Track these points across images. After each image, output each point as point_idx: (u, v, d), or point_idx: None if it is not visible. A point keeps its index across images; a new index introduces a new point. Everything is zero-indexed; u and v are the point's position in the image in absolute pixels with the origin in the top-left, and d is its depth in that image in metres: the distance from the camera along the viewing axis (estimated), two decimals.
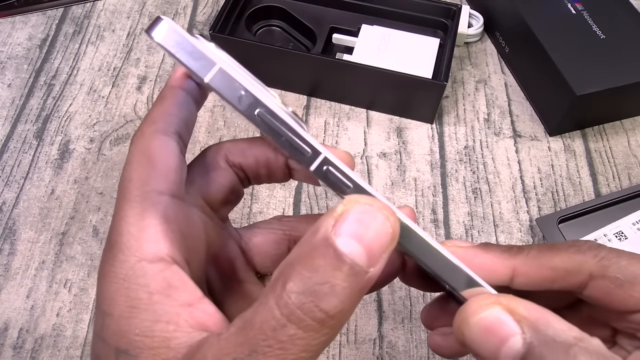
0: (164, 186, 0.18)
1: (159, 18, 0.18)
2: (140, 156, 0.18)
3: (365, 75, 0.45)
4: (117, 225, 0.18)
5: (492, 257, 0.20)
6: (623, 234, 0.41)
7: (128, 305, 0.17)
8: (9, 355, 0.36)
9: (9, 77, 0.50)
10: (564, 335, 0.16)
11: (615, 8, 0.48)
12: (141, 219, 0.18)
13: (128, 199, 0.18)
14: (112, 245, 0.18)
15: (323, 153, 0.18)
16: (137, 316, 0.17)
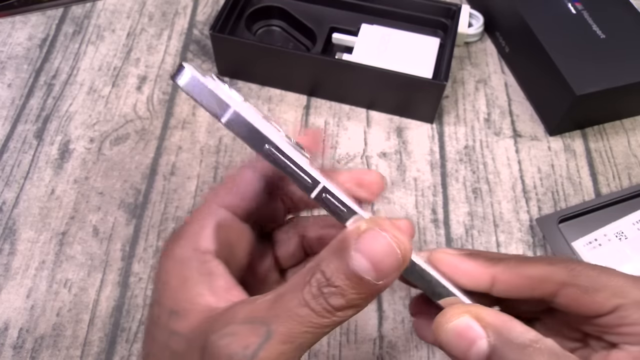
0: (227, 202, 0.24)
1: (182, 66, 0.22)
2: (208, 216, 0.24)
3: (365, 75, 0.45)
4: (187, 220, 0.24)
5: (475, 265, 0.23)
6: (623, 233, 0.41)
7: (182, 279, 0.22)
8: (9, 355, 0.36)
9: (9, 77, 0.50)
10: (522, 338, 0.19)
11: (615, 8, 0.48)
12: (203, 221, 0.23)
13: (202, 205, 0.24)
14: (179, 235, 0.23)
15: (322, 182, 0.21)
16: (187, 288, 0.22)
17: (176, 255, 0.23)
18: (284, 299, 0.19)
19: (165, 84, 0.50)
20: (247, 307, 0.20)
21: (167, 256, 0.23)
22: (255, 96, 0.49)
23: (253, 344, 0.19)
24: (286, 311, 0.19)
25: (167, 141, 0.46)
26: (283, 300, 0.19)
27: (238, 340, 0.19)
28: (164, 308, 0.22)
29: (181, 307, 0.21)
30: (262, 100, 0.49)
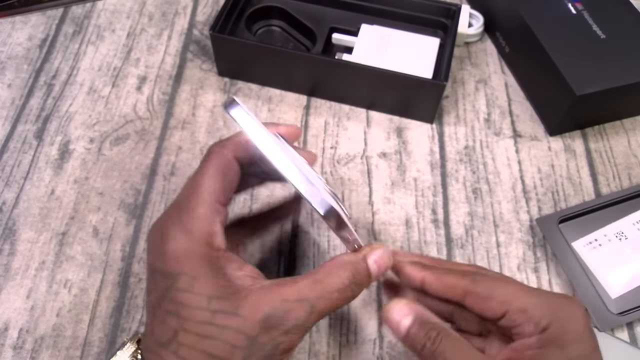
0: (225, 199, 0.29)
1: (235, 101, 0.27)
2: (218, 172, 0.29)
3: (365, 75, 0.45)
4: (193, 214, 0.28)
5: (412, 269, 0.31)
6: (623, 233, 0.41)
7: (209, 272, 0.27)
8: (9, 355, 0.36)
9: (9, 77, 0.50)
10: (431, 319, 0.29)
11: (616, 8, 0.48)
12: (211, 220, 0.28)
13: (202, 200, 0.28)
14: (184, 227, 0.27)
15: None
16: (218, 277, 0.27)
17: (193, 251, 0.27)
18: (324, 284, 0.27)
19: (165, 84, 0.50)
20: (294, 288, 0.27)
21: (180, 250, 0.27)
22: (255, 96, 0.49)
23: (302, 316, 0.26)
24: (326, 294, 0.27)
25: (167, 141, 0.46)
26: (323, 285, 0.27)
27: (293, 313, 0.26)
28: (198, 295, 0.26)
29: (222, 292, 0.26)
30: (262, 100, 0.49)
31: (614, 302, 0.38)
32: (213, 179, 0.29)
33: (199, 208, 0.28)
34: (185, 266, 0.27)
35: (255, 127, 0.27)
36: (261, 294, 0.26)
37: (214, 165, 0.29)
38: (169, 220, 0.28)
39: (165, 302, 0.27)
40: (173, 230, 0.27)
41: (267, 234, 0.42)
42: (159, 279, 0.27)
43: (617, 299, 0.38)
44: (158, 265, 0.28)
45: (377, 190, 0.44)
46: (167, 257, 0.27)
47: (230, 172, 0.30)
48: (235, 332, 0.26)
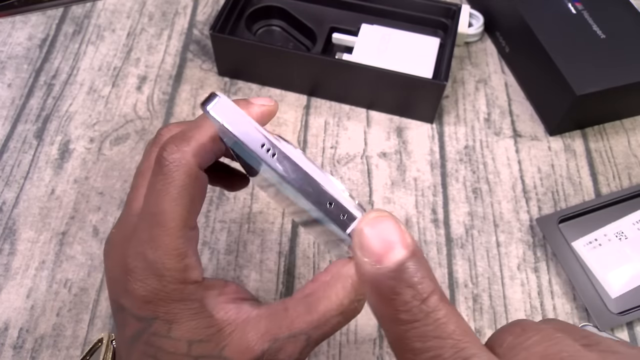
0: (194, 220, 0.24)
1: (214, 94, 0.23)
2: (184, 191, 0.23)
3: (365, 75, 0.45)
4: (160, 250, 0.23)
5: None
6: (623, 233, 0.41)
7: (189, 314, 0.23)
8: (9, 355, 0.36)
9: (9, 77, 0.50)
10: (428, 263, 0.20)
11: (616, 8, 0.48)
12: (183, 254, 0.23)
13: (168, 230, 0.23)
14: (152, 267, 0.23)
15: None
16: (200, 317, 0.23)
17: (165, 294, 0.23)
18: (320, 312, 0.23)
19: (165, 84, 0.50)
20: (286, 322, 0.23)
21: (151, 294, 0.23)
22: (256, 96, 0.49)
23: (297, 351, 0.23)
24: (324, 322, 0.23)
25: None
26: (319, 314, 0.23)
27: (286, 351, 0.23)
28: (177, 341, 0.23)
29: (203, 334, 0.23)
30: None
31: (614, 302, 0.38)
32: (178, 203, 0.23)
33: (167, 242, 0.23)
34: (159, 310, 0.23)
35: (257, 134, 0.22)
36: (247, 330, 0.23)
37: (177, 184, 0.23)
38: (131, 255, 0.24)
39: (141, 343, 0.24)
40: (139, 271, 0.23)
41: (267, 234, 0.42)
42: (128, 318, 0.24)
43: (617, 299, 0.38)
44: (126, 305, 0.24)
45: (377, 190, 0.44)
46: (137, 301, 0.23)
47: (197, 188, 0.24)
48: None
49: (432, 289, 0.18)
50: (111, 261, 0.25)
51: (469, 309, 0.39)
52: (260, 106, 0.26)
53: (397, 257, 0.18)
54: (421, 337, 0.17)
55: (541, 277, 0.40)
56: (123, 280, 0.24)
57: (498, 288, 0.40)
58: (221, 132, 0.23)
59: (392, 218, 0.19)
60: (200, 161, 0.24)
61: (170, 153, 0.23)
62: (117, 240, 0.25)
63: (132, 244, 0.24)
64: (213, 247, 0.41)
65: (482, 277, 0.40)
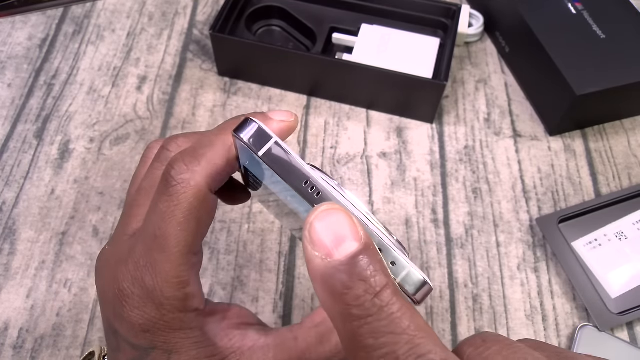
0: (199, 245, 0.22)
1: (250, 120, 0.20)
2: (190, 215, 0.21)
3: (365, 75, 0.45)
4: (160, 277, 0.21)
5: None
6: (623, 233, 0.41)
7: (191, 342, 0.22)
8: (9, 355, 0.36)
9: (9, 77, 0.50)
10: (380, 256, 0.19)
11: (615, 8, 0.48)
12: (185, 282, 0.22)
13: (170, 256, 0.21)
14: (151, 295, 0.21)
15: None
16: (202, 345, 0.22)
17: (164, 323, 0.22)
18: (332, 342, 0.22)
19: (165, 84, 0.50)
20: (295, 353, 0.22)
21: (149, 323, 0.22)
22: (255, 96, 0.49)
23: None
24: (336, 354, 0.22)
25: None
26: (332, 344, 0.22)
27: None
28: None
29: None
30: (262, 100, 0.49)
31: (614, 302, 0.38)
32: (183, 228, 0.21)
33: (168, 270, 0.21)
34: (157, 340, 0.22)
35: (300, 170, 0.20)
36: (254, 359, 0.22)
37: (184, 207, 0.21)
38: (127, 279, 0.22)
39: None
40: (136, 298, 0.21)
41: (267, 234, 0.42)
42: (123, 343, 0.22)
43: (617, 299, 0.38)
44: (121, 332, 0.22)
45: (377, 190, 0.44)
46: (133, 329, 0.22)
47: (206, 213, 0.22)
48: None
49: (385, 282, 0.17)
50: (103, 281, 0.23)
51: (469, 309, 0.39)
52: (280, 122, 0.23)
53: (348, 250, 0.17)
54: (374, 333, 0.16)
55: (541, 277, 0.40)
56: (118, 305, 0.22)
57: (498, 288, 0.40)
58: (249, 158, 0.21)
59: (344, 211, 0.18)
60: (211, 183, 0.22)
61: (178, 173, 0.21)
62: (110, 259, 0.23)
63: (128, 267, 0.22)
64: (213, 247, 0.41)
65: (482, 277, 0.40)
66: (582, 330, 0.37)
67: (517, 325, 0.38)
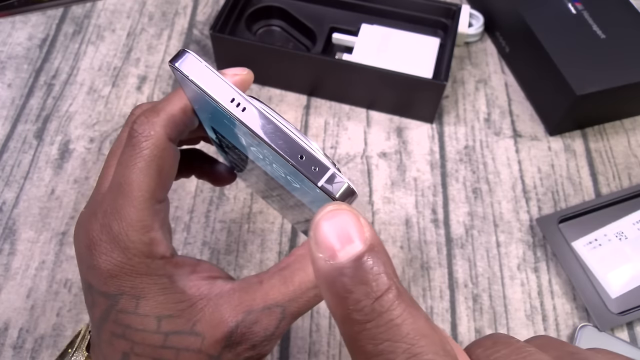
0: (162, 194, 0.24)
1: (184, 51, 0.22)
2: (151, 162, 0.23)
3: (365, 75, 0.45)
4: (124, 222, 0.22)
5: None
6: (623, 233, 0.41)
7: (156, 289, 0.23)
8: (9, 355, 0.36)
9: (9, 77, 0.50)
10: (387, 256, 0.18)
11: (616, 8, 0.48)
12: (149, 226, 0.23)
13: (133, 202, 0.22)
14: (116, 239, 0.22)
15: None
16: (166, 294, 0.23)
17: (130, 268, 0.23)
18: (295, 283, 0.23)
19: (165, 84, 0.50)
20: (260, 294, 0.23)
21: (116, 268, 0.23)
22: (255, 96, 0.49)
23: (272, 325, 0.22)
24: (300, 294, 0.23)
25: None
26: (295, 285, 0.23)
27: (261, 324, 0.22)
28: (145, 317, 0.22)
29: (173, 309, 0.22)
30: (262, 100, 0.49)
31: (614, 302, 0.38)
32: (145, 173, 0.23)
33: (132, 214, 0.22)
34: (125, 285, 0.22)
35: (226, 86, 0.21)
36: (220, 304, 0.23)
37: (146, 155, 0.23)
38: (96, 228, 0.23)
39: (109, 322, 0.23)
40: (103, 244, 0.23)
41: (267, 234, 0.42)
42: (96, 296, 0.23)
43: (617, 299, 0.38)
44: (93, 282, 0.23)
45: (377, 190, 0.44)
46: (102, 276, 0.23)
47: (166, 160, 0.24)
48: (195, 353, 0.22)
49: (387, 286, 0.16)
50: (78, 238, 0.24)
51: (468, 309, 0.39)
52: (233, 75, 0.24)
53: (351, 252, 0.16)
54: (373, 339, 0.16)
55: (541, 277, 0.40)
56: (89, 255, 0.23)
57: (498, 288, 0.40)
58: (190, 92, 0.23)
59: (351, 211, 0.17)
60: (170, 132, 0.23)
61: (139, 125, 0.23)
62: (84, 217, 0.24)
63: (97, 217, 0.23)
64: (213, 247, 0.41)
65: (482, 277, 0.40)
66: (582, 330, 0.37)
67: (517, 325, 0.38)
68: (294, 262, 0.24)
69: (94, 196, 0.24)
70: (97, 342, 0.24)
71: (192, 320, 0.22)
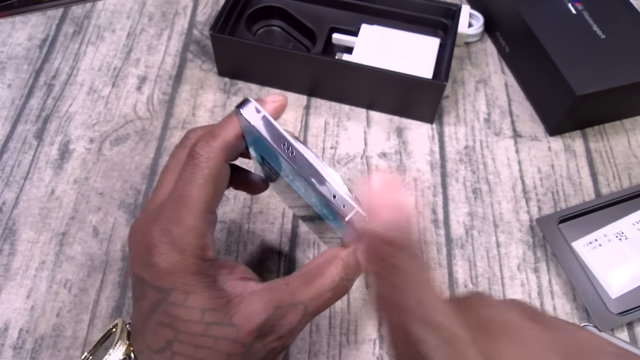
0: (215, 207, 0.28)
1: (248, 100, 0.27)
2: (210, 179, 0.27)
3: (365, 75, 0.45)
4: (183, 228, 0.26)
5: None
6: (623, 233, 0.41)
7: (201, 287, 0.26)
8: (9, 355, 0.36)
9: (9, 77, 0.50)
10: None
11: (616, 8, 0.48)
12: (203, 234, 0.27)
13: (193, 212, 0.26)
14: (175, 242, 0.26)
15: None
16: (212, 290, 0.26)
17: (184, 267, 0.26)
18: (316, 285, 0.27)
19: (165, 84, 0.50)
20: (286, 293, 0.27)
21: (172, 267, 0.26)
22: (255, 96, 0.49)
23: (296, 320, 0.26)
24: (319, 295, 0.27)
25: (167, 141, 0.46)
26: (315, 287, 0.27)
27: (287, 319, 0.26)
28: (192, 309, 0.26)
29: (215, 304, 0.26)
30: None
31: (614, 302, 0.38)
32: (203, 188, 0.27)
33: (190, 222, 0.26)
34: (178, 282, 0.26)
35: (281, 135, 0.26)
36: (253, 300, 0.26)
37: (205, 173, 0.27)
38: (156, 231, 0.27)
39: (158, 313, 0.26)
40: (163, 246, 0.26)
41: (267, 234, 0.42)
42: (148, 290, 0.27)
43: (617, 299, 0.38)
44: (146, 278, 0.27)
45: None
46: (158, 273, 0.26)
47: (221, 178, 0.28)
48: (230, 342, 0.26)
49: None
50: (135, 240, 0.28)
51: None
52: (273, 102, 0.29)
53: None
54: None
55: (541, 278, 0.40)
56: (147, 255, 0.26)
57: (498, 288, 0.40)
58: (248, 131, 0.27)
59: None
60: (226, 155, 0.28)
61: (201, 148, 0.27)
62: (141, 223, 0.28)
63: (158, 223, 0.27)
64: None
65: (482, 277, 0.40)
66: None
67: None
68: (314, 269, 0.28)
69: (149, 206, 0.29)
70: (141, 331, 0.27)
71: (230, 314, 0.26)
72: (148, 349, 0.27)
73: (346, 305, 0.39)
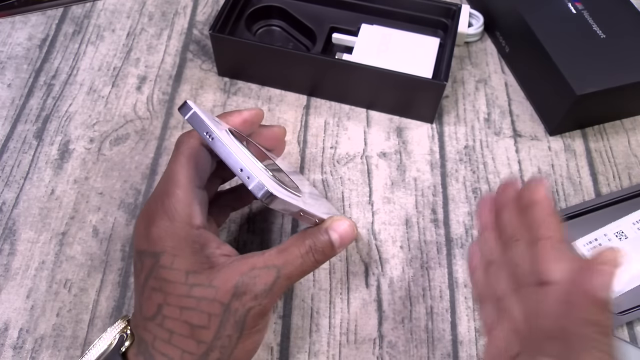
0: (200, 182, 0.32)
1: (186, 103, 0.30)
2: (191, 158, 0.32)
3: (365, 75, 0.45)
4: (172, 198, 0.30)
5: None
6: (623, 233, 0.41)
7: (189, 251, 0.30)
8: (9, 355, 0.36)
9: (9, 77, 0.50)
10: None
11: (616, 8, 0.48)
12: (190, 202, 0.31)
13: (179, 184, 0.31)
14: (166, 211, 0.30)
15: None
16: (197, 255, 0.30)
17: (174, 231, 0.30)
18: (288, 252, 0.30)
19: (165, 84, 0.50)
20: (261, 258, 0.30)
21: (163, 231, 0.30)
22: (255, 96, 0.49)
23: (270, 281, 0.29)
24: (290, 260, 0.30)
25: (167, 141, 0.46)
26: (287, 253, 0.30)
27: (261, 279, 0.29)
28: (177, 271, 0.29)
29: (199, 267, 0.29)
30: (262, 100, 0.49)
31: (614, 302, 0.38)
32: (185, 165, 0.31)
33: (177, 192, 0.31)
34: (167, 245, 0.30)
35: (205, 126, 0.29)
36: (232, 266, 0.29)
37: (184, 153, 0.32)
38: (152, 208, 0.31)
39: (151, 279, 0.30)
40: (157, 216, 0.30)
41: (267, 234, 0.42)
42: (145, 259, 0.30)
43: (617, 299, 0.38)
44: (144, 247, 0.30)
45: (377, 190, 0.44)
46: (152, 239, 0.30)
47: (200, 158, 0.32)
48: (210, 302, 0.29)
49: None
50: (138, 221, 0.32)
51: (468, 309, 0.39)
52: (238, 114, 0.35)
53: None
54: None
55: None
56: (145, 227, 0.31)
57: None
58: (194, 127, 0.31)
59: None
60: (203, 142, 0.32)
61: (182, 137, 0.33)
62: (145, 207, 0.32)
63: (153, 198, 0.31)
64: None
65: None
66: None
67: None
68: (288, 242, 0.31)
69: (149, 198, 0.33)
70: (139, 302, 0.30)
71: (210, 278, 0.29)
72: (144, 319, 0.30)
73: (346, 305, 0.39)
